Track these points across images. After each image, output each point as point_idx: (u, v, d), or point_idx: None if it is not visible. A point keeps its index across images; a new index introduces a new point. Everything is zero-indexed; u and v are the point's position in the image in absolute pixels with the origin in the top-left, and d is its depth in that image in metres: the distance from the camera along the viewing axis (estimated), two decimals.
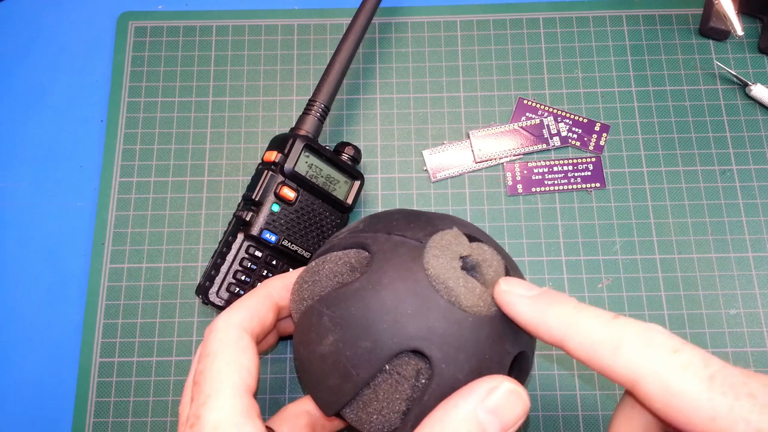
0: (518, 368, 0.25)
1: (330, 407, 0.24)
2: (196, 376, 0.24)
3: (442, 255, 0.23)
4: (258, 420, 0.23)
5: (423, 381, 0.23)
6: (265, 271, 0.34)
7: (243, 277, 0.34)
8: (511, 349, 0.24)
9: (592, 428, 0.35)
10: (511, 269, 0.26)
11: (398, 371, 0.23)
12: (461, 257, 0.24)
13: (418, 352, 0.22)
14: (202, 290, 0.34)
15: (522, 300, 0.22)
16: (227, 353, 0.25)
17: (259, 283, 0.34)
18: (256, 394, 0.29)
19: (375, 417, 0.23)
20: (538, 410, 0.35)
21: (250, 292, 0.28)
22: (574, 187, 0.39)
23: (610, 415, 0.35)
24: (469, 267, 0.24)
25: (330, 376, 0.23)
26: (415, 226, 0.25)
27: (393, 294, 0.23)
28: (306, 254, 0.35)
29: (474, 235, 0.26)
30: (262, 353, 0.33)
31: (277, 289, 0.28)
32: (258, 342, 0.27)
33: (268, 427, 0.28)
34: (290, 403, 0.31)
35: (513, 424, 0.21)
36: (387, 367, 0.23)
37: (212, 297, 0.33)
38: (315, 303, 0.24)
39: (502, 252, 0.27)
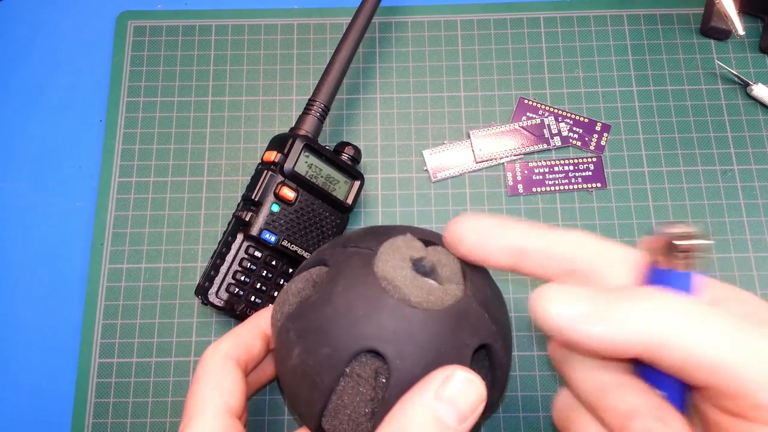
0: (483, 361, 0.25)
1: (309, 420, 0.25)
2: (185, 401, 0.26)
3: (391, 258, 0.25)
4: None
5: (383, 380, 0.23)
6: (265, 272, 0.34)
7: (242, 278, 0.34)
8: (470, 341, 0.24)
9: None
10: (470, 268, 0.26)
11: (358, 373, 0.23)
12: (413, 260, 0.25)
13: (375, 353, 0.23)
14: (202, 291, 0.34)
15: (582, 320, 0.19)
16: (211, 378, 0.26)
17: (258, 287, 0.34)
18: (246, 419, 0.30)
19: (347, 424, 0.24)
20: (538, 411, 0.35)
21: (242, 323, 0.30)
22: (575, 187, 0.39)
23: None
24: (425, 269, 0.25)
25: (300, 388, 0.25)
26: (370, 237, 0.26)
27: (345, 299, 0.24)
28: (306, 254, 0.35)
29: (430, 240, 0.26)
30: (259, 389, 0.34)
31: (266, 318, 0.30)
32: (247, 369, 0.29)
33: None
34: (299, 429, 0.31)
35: (470, 412, 0.21)
36: (347, 370, 0.23)
37: (211, 297, 0.33)
38: (284, 321, 0.26)
39: None
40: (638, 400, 0.20)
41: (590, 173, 0.40)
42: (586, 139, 0.40)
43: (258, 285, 0.34)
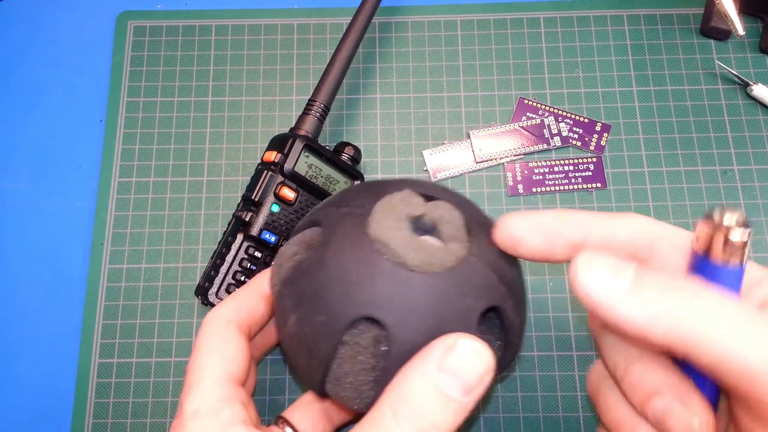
0: (492, 324, 0.24)
1: (311, 386, 0.24)
2: (186, 369, 0.25)
3: (386, 218, 0.23)
4: (239, 405, 0.23)
5: (383, 348, 0.22)
6: None
7: (242, 278, 0.34)
8: (476, 304, 0.22)
9: (593, 429, 0.35)
10: (476, 224, 0.24)
11: (356, 341, 0.22)
12: (412, 217, 0.23)
13: (372, 320, 0.22)
14: (202, 291, 0.34)
15: (619, 300, 0.18)
16: (211, 344, 0.25)
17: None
18: (254, 383, 0.29)
19: (350, 392, 0.23)
20: (538, 411, 0.35)
21: (243, 286, 0.29)
22: (575, 187, 0.39)
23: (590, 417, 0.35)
24: (425, 227, 0.23)
25: (299, 355, 0.24)
26: (365, 195, 0.24)
27: (338, 264, 0.22)
28: None
29: (432, 194, 0.25)
30: (266, 351, 0.33)
31: (267, 280, 0.28)
32: (250, 333, 0.28)
33: (281, 417, 0.29)
34: (305, 393, 0.31)
35: (476, 383, 0.20)
36: (346, 338, 0.22)
37: (211, 298, 0.33)
38: (280, 287, 0.24)
39: (467, 206, 0.25)
40: (662, 379, 0.20)
41: (590, 173, 0.40)
42: (586, 139, 0.40)
43: None
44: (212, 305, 0.33)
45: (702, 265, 0.20)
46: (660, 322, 0.18)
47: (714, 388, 0.21)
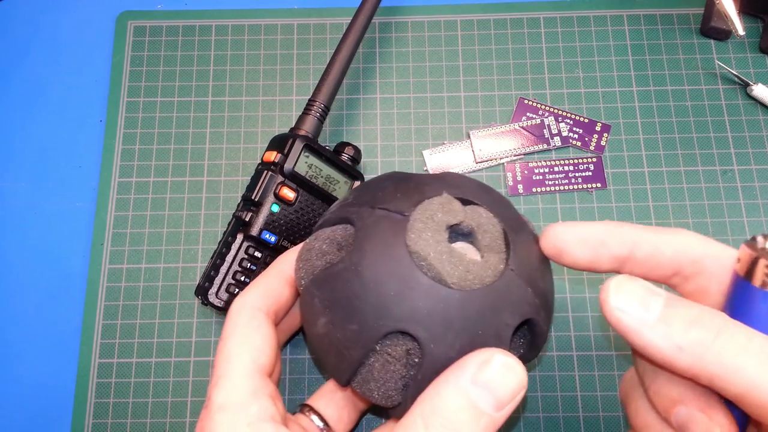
0: (525, 337, 0.24)
1: (337, 381, 0.24)
2: (214, 359, 0.25)
3: (425, 228, 0.23)
4: (267, 399, 0.23)
5: (416, 360, 0.22)
6: None
7: (242, 278, 0.34)
8: (511, 321, 0.22)
9: (593, 429, 0.35)
10: (513, 231, 0.24)
11: (388, 352, 0.22)
12: (449, 226, 0.23)
13: (406, 333, 0.22)
14: (202, 291, 0.34)
15: (647, 328, 0.19)
16: (238, 335, 0.25)
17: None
18: (279, 371, 0.29)
19: (376, 392, 0.23)
20: (539, 411, 0.35)
21: (264, 271, 0.28)
22: (575, 187, 0.39)
23: (611, 417, 0.35)
24: (462, 234, 0.23)
25: (328, 354, 0.24)
26: (401, 195, 0.24)
27: (375, 274, 0.22)
28: None
29: (469, 198, 0.24)
30: (291, 335, 0.33)
31: (290, 264, 0.28)
32: (277, 318, 0.27)
33: (306, 405, 0.29)
34: (328, 381, 0.31)
35: (509, 398, 0.20)
36: (377, 347, 0.22)
37: (211, 298, 0.33)
38: (309, 284, 0.24)
39: (504, 211, 0.25)
40: (687, 390, 0.21)
41: (590, 173, 0.40)
42: (586, 139, 0.40)
43: None
44: (212, 305, 0.33)
45: (743, 288, 0.20)
46: (685, 355, 0.18)
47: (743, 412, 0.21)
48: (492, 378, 0.20)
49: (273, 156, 0.34)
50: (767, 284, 0.20)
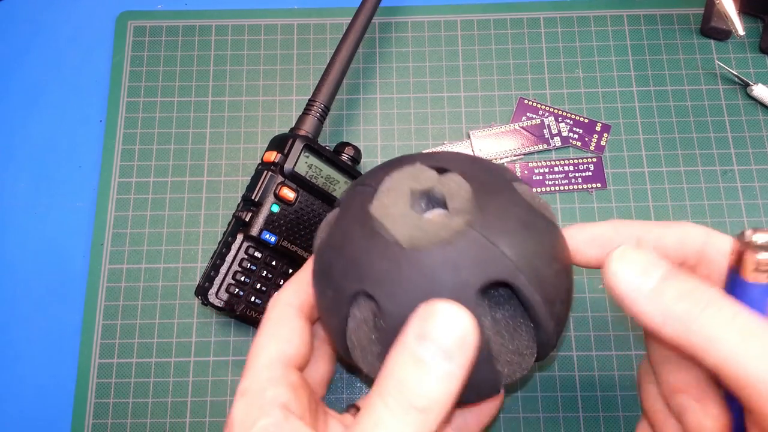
0: (507, 302, 0.23)
1: (342, 354, 0.26)
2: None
3: (388, 195, 0.23)
4: (285, 388, 0.24)
5: (381, 323, 0.23)
6: (265, 272, 0.34)
7: (242, 278, 0.34)
8: (472, 279, 0.21)
9: (593, 429, 0.35)
10: (489, 194, 0.23)
11: (356, 314, 0.23)
12: (415, 192, 0.23)
13: (370, 296, 0.23)
14: (202, 291, 0.34)
15: (641, 297, 0.20)
16: (269, 327, 0.26)
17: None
18: (332, 371, 0.30)
19: (362, 362, 0.24)
20: (539, 411, 0.35)
21: (302, 268, 0.29)
22: (575, 187, 0.39)
23: (611, 416, 0.35)
24: (436, 201, 0.23)
25: (326, 327, 0.26)
26: (381, 172, 0.25)
27: (342, 242, 0.24)
28: (306, 255, 0.35)
29: (445, 167, 0.24)
30: None
31: None
32: (312, 316, 0.28)
33: (355, 405, 0.29)
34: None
35: (456, 346, 0.19)
36: (350, 311, 0.24)
37: (211, 298, 0.33)
38: (315, 251, 0.26)
39: (485, 176, 0.24)
40: (689, 380, 0.22)
41: (590, 173, 0.40)
42: (586, 139, 0.40)
43: (258, 285, 0.34)
44: (212, 305, 0.33)
45: (734, 279, 0.21)
46: (671, 322, 0.19)
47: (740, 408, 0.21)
48: (433, 327, 0.19)
49: (273, 156, 0.34)
50: (754, 277, 0.20)
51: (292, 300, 0.27)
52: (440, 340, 0.19)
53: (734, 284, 0.21)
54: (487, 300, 0.23)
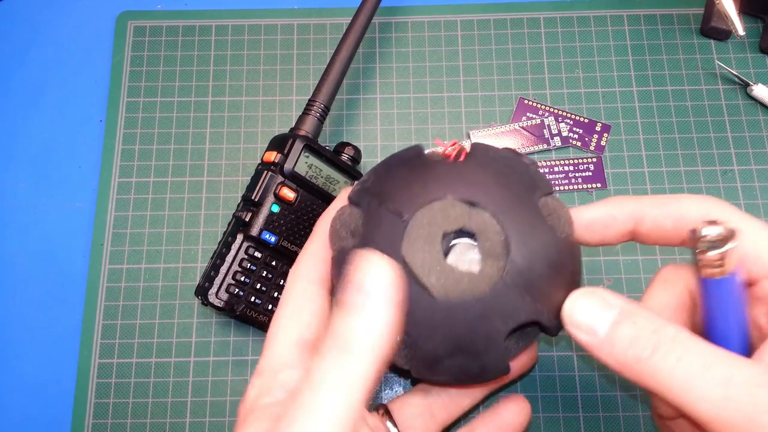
0: (523, 339, 0.25)
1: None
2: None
3: (420, 236, 0.23)
4: (299, 372, 0.24)
5: (407, 352, 0.24)
6: (265, 272, 0.34)
7: (242, 278, 0.34)
8: (503, 327, 0.23)
9: (593, 429, 0.35)
10: (521, 234, 0.23)
11: None
12: (447, 234, 0.24)
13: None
14: (202, 291, 0.34)
15: (596, 345, 0.21)
16: (290, 306, 0.26)
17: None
18: None
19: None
20: (539, 411, 0.35)
21: (310, 238, 0.28)
22: (575, 187, 0.39)
23: (611, 416, 0.35)
24: (464, 233, 0.24)
25: None
26: (406, 194, 0.24)
27: None
28: None
29: (475, 200, 0.24)
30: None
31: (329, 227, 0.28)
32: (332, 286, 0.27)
33: (383, 405, 0.29)
34: (413, 388, 0.31)
35: (372, 284, 0.19)
36: None
37: (211, 298, 0.33)
38: (332, 259, 0.26)
39: (515, 208, 0.24)
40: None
41: (590, 173, 0.40)
42: (586, 139, 0.40)
43: (258, 285, 0.34)
44: (212, 305, 0.33)
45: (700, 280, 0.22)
46: (627, 368, 0.21)
47: None
48: (351, 274, 0.20)
49: (273, 156, 0.34)
50: (710, 272, 0.21)
51: (312, 274, 0.26)
52: (356, 282, 0.19)
53: (703, 284, 0.21)
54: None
